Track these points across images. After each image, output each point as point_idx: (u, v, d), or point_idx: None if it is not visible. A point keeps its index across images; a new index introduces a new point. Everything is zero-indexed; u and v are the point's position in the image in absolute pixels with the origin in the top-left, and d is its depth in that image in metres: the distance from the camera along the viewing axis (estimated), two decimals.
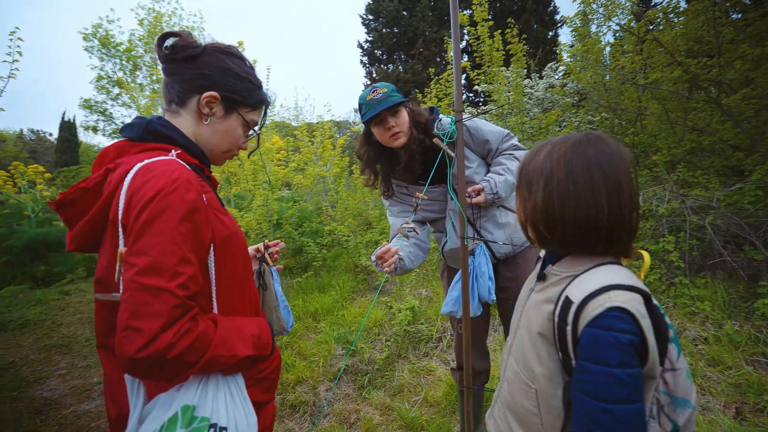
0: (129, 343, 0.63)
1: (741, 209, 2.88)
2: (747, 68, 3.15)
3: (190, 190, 0.73)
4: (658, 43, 3.39)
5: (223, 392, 0.76)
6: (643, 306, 0.70)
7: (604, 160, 0.76)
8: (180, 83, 0.87)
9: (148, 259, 0.66)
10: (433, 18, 16.16)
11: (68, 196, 0.79)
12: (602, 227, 0.75)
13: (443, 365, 2.77)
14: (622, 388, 0.67)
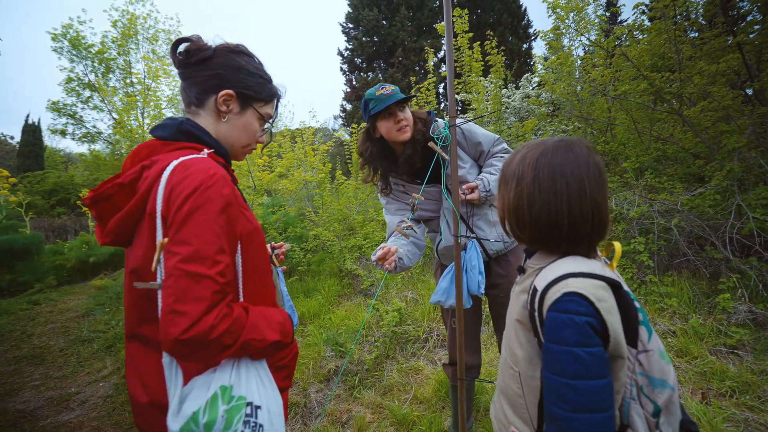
0: (174, 325, 0.68)
1: (702, 212, 3.12)
2: (704, 83, 3.43)
3: (225, 185, 0.79)
4: (626, 58, 3.65)
5: (254, 375, 0.81)
6: (602, 291, 0.77)
7: (568, 167, 0.84)
8: (196, 85, 0.92)
9: (191, 248, 0.72)
10: (412, 28, 16.50)
11: (105, 191, 0.82)
12: (563, 228, 0.83)
13: (430, 364, 2.84)
14: (581, 365, 0.74)
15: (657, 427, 0.80)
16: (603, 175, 0.86)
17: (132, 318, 0.84)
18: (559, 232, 0.84)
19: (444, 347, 3.07)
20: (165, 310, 0.70)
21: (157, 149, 0.87)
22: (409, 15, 16.29)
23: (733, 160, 3.15)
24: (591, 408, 0.74)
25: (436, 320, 3.34)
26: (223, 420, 0.72)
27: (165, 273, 0.72)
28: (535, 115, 6.11)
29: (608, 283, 0.78)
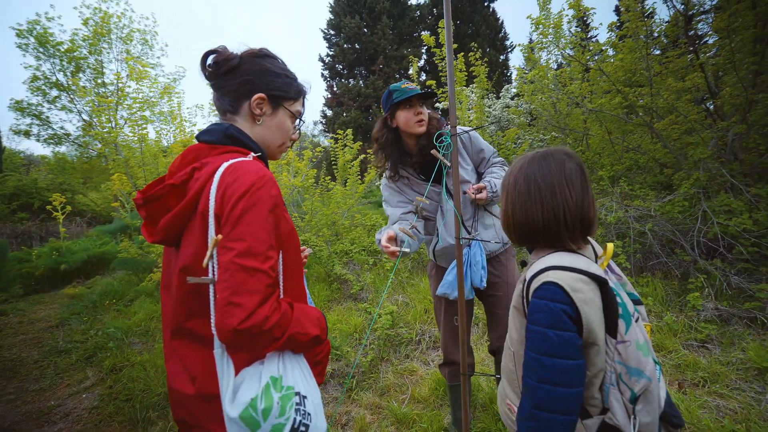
0: (231, 316, 0.72)
1: (672, 218, 3.36)
2: (672, 98, 3.71)
3: (273, 186, 0.84)
4: (602, 73, 3.89)
5: (298, 367, 0.86)
6: (580, 283, 0.88)
7: (540, 173, 0.99)
8: (229, 94, 0.96)
9: (245, 244, 0.76)
10: (394, 36, 16.77)
11: (157, 191, 0.86)
12: (538, 228, 0.97)
13: (424, 366, 2.92)
14: (550, 345, 0.86)
15: (634, 413, 0.89)
16: (578, 178, 0.98)
17: (179, 314, 0.87)
18: (535, 231, 0.98)
19: (436, 349, 3.15)
20: (221, 303, 0.74)
21: (205, 152, 0.91)
22: (391, 24, 16.56)
23: (699, 170, 3.41)
24: (555, 381, 0.86)
25: (428, 323, 3.42)
26: (278, 407, 0.76)
27: (220, 267, 0.76)
28: (515, 124, 6.37)
29: (591, 278, 0.89)
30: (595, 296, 0.88)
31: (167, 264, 0.98)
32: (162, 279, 1.00)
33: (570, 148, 5.40)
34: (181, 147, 5.05)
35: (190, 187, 0.86)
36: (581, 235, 0.98)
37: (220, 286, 0.75)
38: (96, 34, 11.74)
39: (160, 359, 3.04)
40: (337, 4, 17.30)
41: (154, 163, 5.19)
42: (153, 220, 0.90)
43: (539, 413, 0.88)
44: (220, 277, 0.76)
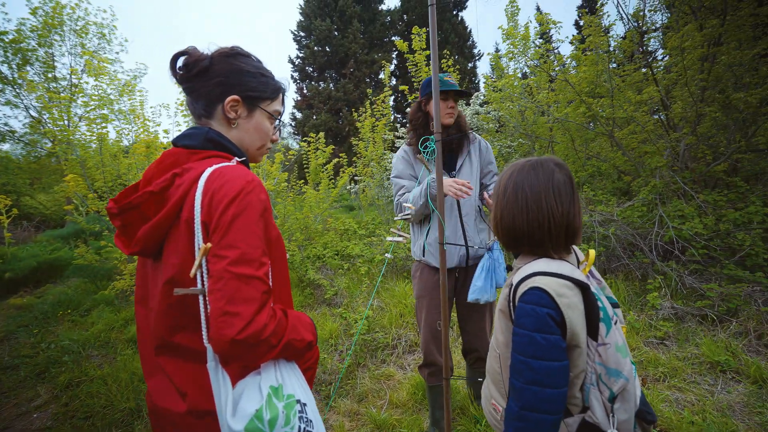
0: (228, 326, 0.69)
1: (632, 222, 3.57)
2: (631, 109, 3.96)
3: (262, 191, 0.82)
4: (568, 83, 4.09)
5: (293, 375, 0.83)
6: (564, 288, 0.92)
7: (528, 183, 1.02)
8: (202, 98, 0.92)
9: (238, 251, 0.74)
10: (365, 41, 16.82)
11: (134, 199, 0.80)
12: (522, 235, 1.01)
13: (401, 370, 2.92)
14: (537, 348, 0.90)
15: (612, 411, 0.94)
16: (566, 189, 1.02)
17: (164, 328, 0.82)
18: (520, 237, 1.02)
19: (412, 353, 3.17)
20: (216, 313, 0.71)
21: (184, 158, 0.87)
22: (361, 28, 16.60)
23: (655, 178, 3.65)
24: (542, 383, 0.90)
25: (403, 327, 3.43)
26: (283, 416, 0.74)
27: (213, 277, 0.73)
28: (485, 131, 6.55)
29: (575, 283, 0.94)
30: (578, 301, 0.92)
31: (143, 276, 0.93)
32: (137, 292, 0.94)
33: (537, 154, 5.63)
34: (144, 148, 4.80)
35: (170, 194, 0.81)
36: (565, 244, 1.02)
37: (213, 296, 0.72)
38: (46, 25, 10.97)
39: (123, 372, 2.86)
40: (307, 6, 17.15)
41: (114, 164, 4.90)
42: (129, 230, 0.84)
43: (528, 414, 0.91)
44: (212, 286, 0.73)
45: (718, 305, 2.97)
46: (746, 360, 2.46)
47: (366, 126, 7.45)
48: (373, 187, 7.73)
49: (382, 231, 5.78)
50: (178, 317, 0.81)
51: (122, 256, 3.07)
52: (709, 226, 3.30)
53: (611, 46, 4.70)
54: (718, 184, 4.10)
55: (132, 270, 2.88)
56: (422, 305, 1.87)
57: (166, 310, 0.82)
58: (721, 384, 2.35)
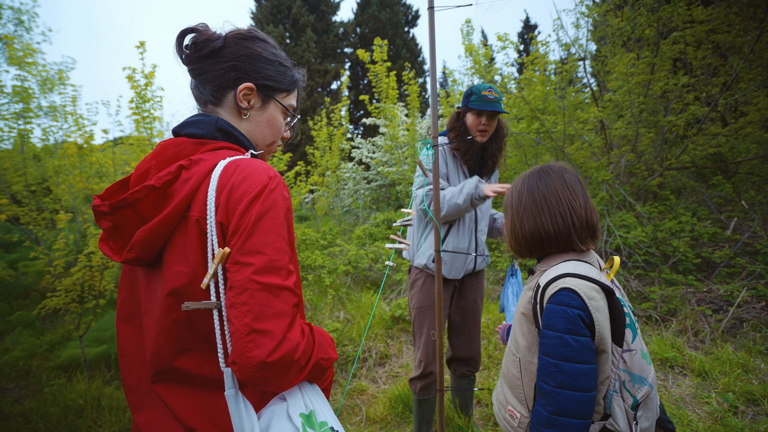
0: (258, 347, 0.59)
1: None
2: (580, 127, 4.29)
3: (285, 188, 0.72)
4: (525, 101, 4.35)
5: (319, 399, 0.73)
6: (593, 291, 0.92)
7: (542, 183, 1.04)
8: (211, 82, 0.81)
9: (265, 257, 0.63)
10: (318, 50, 16.72)
11: (131, 195, 0.66)
12: (549, 235, 1.01)
13: (373, 384, 2.82)
14: (568, 349, 0.88)
15: (635, 419, 0.93)
16: (576, 183, 1.05)
17: (166, 351, 0.68)
18: (547, 238, 1.01)
19: (383, 365, 3.09)
20: (243, 331, 0.60)
21: (190, 148, 0.74)
22: (315, 38, 16.50)
23: (603, 190, 3.97)
24: (574, 386, 0.88)
25: (372, 339, 3.35)
26: None
27: (235, 288, 0.62)
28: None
29: (602, 287, 0.94)
30: (604, 305, 0.92)
31: (130, 288, 0.78)
32: (121, 308, 0.79)
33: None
34: (75, 148, 4.27)
35: (176, 190, 0.69)
36: (589, 238, 1.03)
37: (237, 310, 0.61)
38: None
39: (53, 407, 2.45)
40: (259, 11, 16.71)
41: (38, 166, 4.30)
42: (121, 232, 0.70)
43: (558, 419, 0.89)
44: (234, 299, 0.61)
45: (660, 306, 3.27)
46: (690, 355, 2.72)
47: (322, 135, 7.34)
48: (329, 196, 7.59)
49: (341, 241, 5.67)
50: (183, 337, 0.69)
51: (56, 270, 2.67)
52: (649, 234, 3.64)
53: (554, 73, 5.11)
54: (649, 197, 4.57)
55: (68, 285, 2.51)
56: (425, 317, 1.82)
57: (169, 329, 0.68)
58: (671, 378, 2.56)
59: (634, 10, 4.13)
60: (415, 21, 19.11)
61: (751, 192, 4.12)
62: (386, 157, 6.71)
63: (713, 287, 3.33)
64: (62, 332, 3.58)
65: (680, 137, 4.11)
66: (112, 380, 2.83)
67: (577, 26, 4.99)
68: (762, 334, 2.85)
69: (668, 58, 3.86)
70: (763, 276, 3.27)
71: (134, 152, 3.78)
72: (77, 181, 4.26)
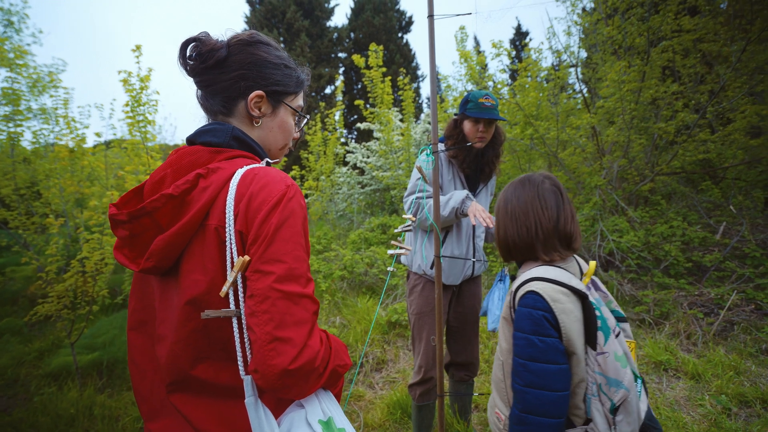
0: (279, 354, 0.60)
1: None
2: (573, 133, 4.36)
3: (302, 197, 0.73)
4: (519, 107, 4.40)
5: (336, 406, 0.73)
6: (560, 294, 0.96)
7: (515, 195, 1.11)
8: (220, 93, 0.80)
9: (285, 265, 0.64)
10: (312, 54, 16.75)
11: (149, 204, 0.66)
12: (514, 244, 1.08)
13: (370, 390, 2.81)
14: (534, 350, 0.93)
15: (614, 423, 0.94)
16: (552, 197, 1.08)
17: (183, 360, 0.68)
18: (513, 246, 1.09)
19: (379, 371, 3.08)
20: (264, 339, 0.60)
21: (206, 157, 0.75)
22: (309, 42, 16.54)
23: (596, 195, 4.03)
24: (542, 385, 0.92)
25: (369, 344, 3.33)
26: None
27: (256, 296, 0.62)
28: None
29: (572, 291, 0.97)
30: (574, 308, 0.95)
31: (141, 297, 0.78)
32: (132, 317, 0.79)
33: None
34: (66, 151, 4.21)
35: (193, 198, 0.69)
36: (559, 249, 1.06)
37: (258, 319, 0.61)
38: None
39: (43, 416, 2.39)
40: (253, 16, 16.72)
41: (28, 169, 4.24)
42: (138, 241, 0.70)
43: (529, 417, 0.92)
44: (256, 307, 0.62)
45: (653, 310, 3.32)
46: (683, 358, 2.75)
47: (317, 139, 7.35)
48: (323, 201, 7.58)
49: (336, 246, 5.65)
50: (202, 346, 0.69)
51: (48, 275, 2.62)
52: (641, 238, 3.70)
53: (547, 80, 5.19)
54: (640, 202, 4.65)
55: (61, 291, 2.46)
56: (424, 322, 1.82)
57: (188, 338, 0.68)
58: (665, 381, 2.60)
59: (624, 19, 4.23)
60: (409, 27, 19.27)
61: (739, 197, 4.21)
62: (381, 162, 6.73)
63: (704, 291, 3.39)
64: (52, 339, 3.50)
65: (670, 143, 4.19)
66: (105, 388, 2.78)
67: (569, 34, 5.08)
68: (752, 336, 2.91)
69: (658, 66, 3.96)
70: (752, 279, 3.34)
71: (127, 156, 3.74)
72: (68, 185, 4.20)
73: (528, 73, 5.06)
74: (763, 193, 4.41)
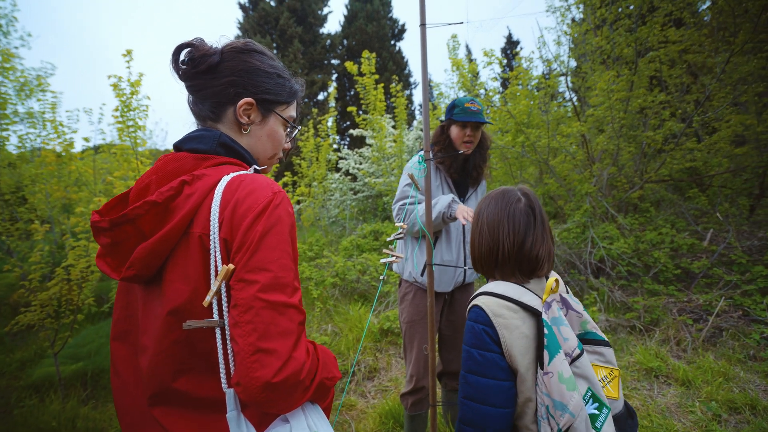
0: (263, 366, 0.58)
1: (568, 242, 3.91)
2: (563, 140, 4.41)
3: (289, 204, 0.72)
4: (510, 115, 4.45)
5: (323, 419, 0.72)
6: (504, 309, 0.93)
7: (488, 212, 1.06)
8: (210, 98, 0.80)
9: (270, 274, 0.62)
10: (305, 61, 16.79)
11: (132, 211, 0.65)
12: (477, 259, 1.07)
13: (362, 399, 2.78)
14: (473, 362, 0.92)
15: None
16: (522, 219, 1.02)
17: (164, 372, 0.66)
18: (477, 261, 1.08)
19: (371, 379, 3.05)
20: (247, 351, 0.58)
21: (192, 164, 0.73)
22: (302, 49, 16.58)
23: (586, 202, 4.07)
24: (478, 399, 0.91)
25: (361, 352, 3.30)
26: None
27: (240, 306, 0.61)
28: None
29: (521, 306, 0.94)
30: (520, 323, 0.92)
31: (126, 306, 0.76)
32: (115, 327, 0.76)
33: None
34: (53, 156, 4.15)
35: (178, 205, 0.68)
36: (517, 275, 1.02)
37: (241, 329, 0.60)
38: None
39: (24, 429, 2.31)
40: (246, 22, 16.73)
41: (12, 173, 4.15)
42: (121, 249, 0.69)
43: (465, 428, 0.92)
44: (239, 317, 0.60)
45: (643, 316, 3.34)
46: (673, 365, 2.77)
47: (309, 145, 7.34)
48: (315, 207, 7.55)
49: (328, 253, 5.62)
50: (184, 358, 0.67)
51: (32, 283, 2.55)
52: (631, 245, 3.74)
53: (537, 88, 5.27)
54: (630, 209, 4.71)
55: (44, 300, 2.40)
56: (415, 331, 1.80)
57: (169, 349, 0.66)
58: (656, 388, 2.61)
59: (612, 30, 4.32)
60: (402, 35, 19.44)
61: (725, 204, 4.29)
62: (373, 168, 6.74)
63: (693, 297, 3.43)
64: (35, 349, 3.41)
65: (658, 151, 4.26)
66: (89, 399, 2.70)
67: (559, 43, 5.17)
68: (740, 342, 2.94)
69: (645, 76, 4.04)
70: (738, 286, 3.39)
71: (116, 161, 3.69)
72: (55, 190, 4.12)
73: (519, 82, 5.13)
74: (748, 200, 4.50)
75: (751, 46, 3.74)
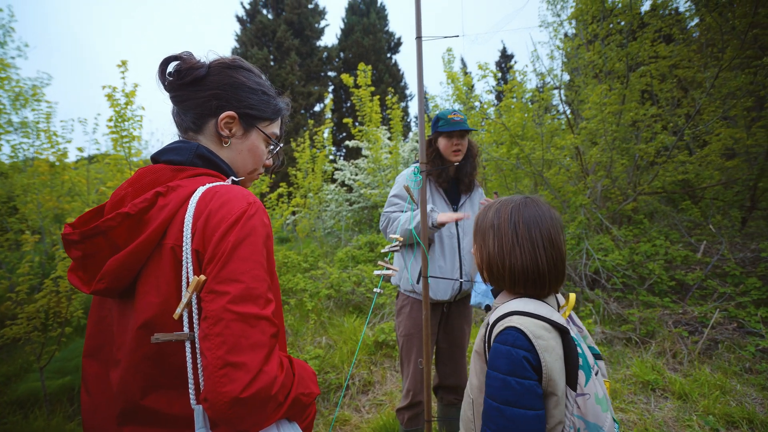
0: (231, 381, 0.55)
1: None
2: (557, 153, 4.45)
3: (265, 214, 0.71)
4: (505, 127, 4.50)
5: None
6: (541, 330, 0.86)
7: (538, 219, 0.96)
8: (193, 109, 0.81)
9: (241, 285, 0.61)
10: (302, 73, 16.96)
11: (103, 223, 0.63)
12: (543, 272, 0.92)
13: (356, 413, 2.72)
14: (511, 393, 0.82)
15: None
16: (562, 227, 1.00)
17: (134, 389, 0.64)
18: (539, 275, 0.92)
19: (366, 393, 2.99)
20: (215, 365, 0.56)
21: (168, 175, 0.73)
22: (299, 60, 16.76)
23: (581, 214, 4.09)
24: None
25: (356, 365, 3.25)
26: None
27: (209, 318, 0.59)
28: None
29: (553, 325, 0.88)
30: (556, 344, 0.86)
31: (98, 321, 0.74)
32: (87, 342, 0.74)
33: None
34: (46, 166, 4.11)
35: (151, 217, 0.67)
36: (550, 287, 0.95)
37: (210, 342, 0.58)
38: None
39: None
40: (243, 34, 16.92)
41: (4, 183, 4.11)
42: (91, 261, 0.67)
43: None
44: (208, 330, 0.58)
45: (639, 328, 3.33)
46: (670, 377, 2.75)
47: (305, 156, 7.36)
48: (311, 218, 7.53)
49: (323, 264, 5.58)
50: (152, 373, 0.65)
51: (19, 296, 2.50)
52: (626, 257, 3.75)
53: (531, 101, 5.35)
54: (624, 221, 4.74)
55: (31, 312, 2.35)
56: (413, 344, 1.78)
57: (138, 365, 0.64)
58: (653, 402, 2.58)
59: (604, 45, 4.41)
60: (398, 48, 19.74)
61: (717, 216, 4.34)
62: (369, 180, 6.75)
63: (688, 309, 3.43)
64: (20, 363, 3.32)
65: (651, 164, 4.32)
66: (75, 415, 2.62)
67: (552, 57, 5.27)
68: (736, 354, 2.93)
69: (637, 90, 4.12)
70: (733, 297, 3.40)
71: (110, 171, 3.66)
72: (47, 200, 4.08)
73: (513, 95, 5.20)
74: (740, 212, 4.55)
75: (739, 62, 3.83)
